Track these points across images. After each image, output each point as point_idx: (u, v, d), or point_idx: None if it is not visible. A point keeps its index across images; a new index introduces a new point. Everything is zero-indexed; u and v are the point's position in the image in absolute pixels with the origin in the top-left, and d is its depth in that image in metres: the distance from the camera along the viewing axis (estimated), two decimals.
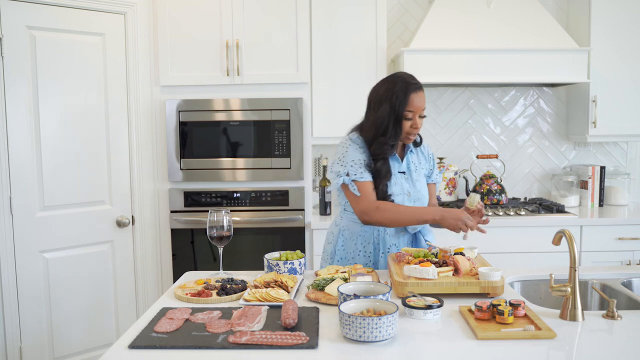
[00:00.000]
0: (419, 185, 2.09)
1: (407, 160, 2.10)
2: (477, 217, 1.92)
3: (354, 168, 1.99)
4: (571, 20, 3.55)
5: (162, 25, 3.06)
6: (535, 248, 3.04)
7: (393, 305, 1.39)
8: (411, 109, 1.96)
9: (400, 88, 1.96)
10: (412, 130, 1.99)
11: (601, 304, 1.92)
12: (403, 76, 2.01)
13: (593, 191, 3.48)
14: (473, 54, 3.14)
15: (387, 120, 1.97)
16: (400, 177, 2.06)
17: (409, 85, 1.97)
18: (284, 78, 3.08)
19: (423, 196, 2.09)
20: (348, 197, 2.03)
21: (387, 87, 2.00)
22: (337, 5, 3.19)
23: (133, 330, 1.44)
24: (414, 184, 2.08)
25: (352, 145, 2.03)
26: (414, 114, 1.97)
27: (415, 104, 1.96)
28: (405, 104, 1.95)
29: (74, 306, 2.86)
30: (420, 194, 2.08)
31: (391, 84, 2.00)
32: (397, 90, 1.96)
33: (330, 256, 2.17)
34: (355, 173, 1.98)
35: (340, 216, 2.17)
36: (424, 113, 2.01)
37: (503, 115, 3.68)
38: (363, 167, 1.99)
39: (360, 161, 1.99)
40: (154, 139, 3.12)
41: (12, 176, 2.63)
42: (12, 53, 2.60)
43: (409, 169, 2.10)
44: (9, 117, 2.60)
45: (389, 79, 2.03)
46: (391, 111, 1.97)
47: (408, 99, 1.95)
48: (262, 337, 1.35)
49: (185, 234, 3.14)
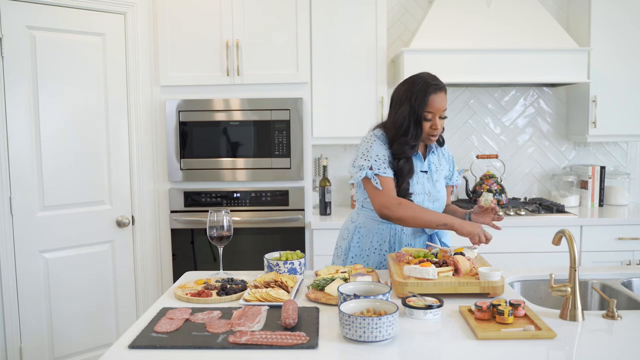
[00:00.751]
0: (439, 186, 2.10)
1: (429, 160, 2.11)
2: (491, 214, 1.97)
3: (377, 163, 1.99)
4: (571, 20, 3.55)
5: (162, 25, 3.06)
6: (535, 248, 3.04)
7: (393, 305, 1.39)
8: (430, 110, 1.96)
9: (419, 89, 1.96)
10: (432, 131, 1.99)
11: (601, 304, 1.92)
12: (424, 77, 2.00)
13: (593, 191, 3.48)
14: (473, 54, 3.14)
15: (408, 121, 1.97)
16: (422, 177, 2.07)
17: (429, 85, 1.96)
18: (284, 78, 3.08)
19: (442, 197, 2.10)
20: (368, 191, 2.00)
21: (407, 88, 2.00)
22: (337, 5, 3.19)
23: (133, 330, 1.44)
24: (434, 184, 2.08)
25: (376, 141, 2.03)
26: (433, 115, 1.97)
27: (434, 105, 1.95)
28: (424, 105, 1.95)
29: (74, 306, 2.86)
30: (439, 194, 2.09)
31: (411, 84, 1.99)
32: (417, 91, 1.96)
33: (344, 253, 2.16)
34: (378, 167, 1.98)
35: (357, 213, 2.17)
36: (444, 114, 2.00)
37: (503, 115, 3.68)
38: (386, 162, 1.99)
39: (384, 157, 2.00)
40: (154, 139, 3.12)
41: (12, 176, 2.63)
42: (12, 53, 2.60)
43: (430, 169, 2.10)
44: (9, 117, 2.60)
45: (411, 79, 2.03)
46: (411, 112, 1.96)
47: (427, 99, 1.95)
48: (262, 337, 1.35)
49: (185, 234, 3.14)
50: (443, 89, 1.99)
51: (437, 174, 2.12)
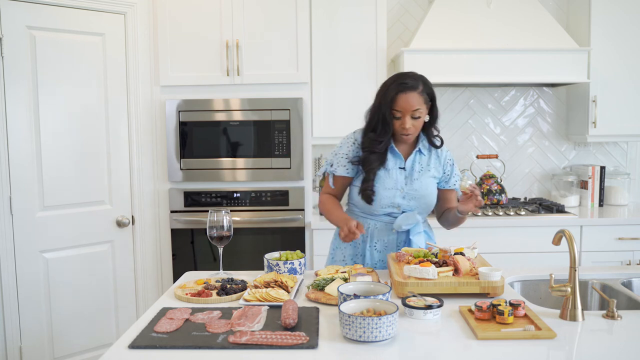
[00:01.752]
0: (418, 185, 2.07)
1: (414, 159, 2.10)
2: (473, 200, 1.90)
3: (336, 159, 2.11)
4: (571, 20, 3.55)
5: (162, 25, 3.06)
6: (535, 248, 3.04)
7: (393, 305, 1.39)
8: (397, 109, 1.96)
9: (389, 87, 1.98)
10: (402, 130, 1.99)
11: (601, 304, 1.92)
12: (399, 75, 2.02)
13: (593, 191, 3.48)
14: (473, 54, 3.14)
15: (376, 118, 2.01)
16: (398, 173, 2.07)
17: (398, 85, 1.96)
18: (284, 78, 3.08)
19: (422, 196, 2.08)
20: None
21: (383, 84, 2.03)
22: (337, 5, 3.19)
23: (133, 330, 1.44)
24: (412, 182, 2.07)
25: (349, 138, 2.12)
26: (402, 114, 1.96)
27: (400, 103, 1.95)
28: (390, 103, 1.96)
29: (74, 306, 2.86)
30: (417, 193, 2.07)
31: (388, 80, 2.02)
32: (386, 89, 1.99)
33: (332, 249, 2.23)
34: (337, 165, 2.10)
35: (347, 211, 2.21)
36: (417, 114, 1.97)
37: (503, 115, 3.68)
38: (344, 161, 2.08)
39: (346, 155, 2.08)
40: (154, 139, 3.12)
41: (12, 176, 2.63)
42: (12, 53, 2.60)
43: (412, 168, 2.09)
44: (9, 117, 2.60)
45: (392, 76, 2.05)
46: (378, 109, 2.00)
47: (393, 98, 1.95)
48: (262, 337, 1.35)
49: (185, 234, 3.14)
50: (414, 88, 1.96)
51: (420, 173, 2.09)
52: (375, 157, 2.03)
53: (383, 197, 2.04)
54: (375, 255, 2.11)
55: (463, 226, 2.99)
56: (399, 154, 2.08)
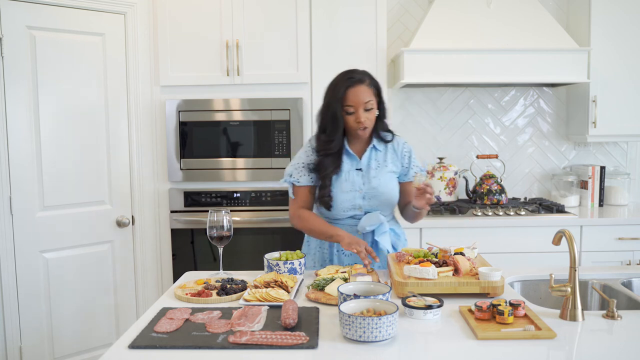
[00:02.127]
0: (376, 182, 2.05)
1: (369, 156, 2.09)
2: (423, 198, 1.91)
3: (296, 170, 2.08)
4: (571, 20, 3.55)
5: (162, 25, 3.06)
6: (535, 248, 3.04)
7: (393, 305, 1.39)
8: (349, 104, 1.96)
9: (334, 85, 1.99)
10: (357, 125, 1.98)
11: (601, 304, 1.92)
12: (345, 72, 2.02)
13: (593, 191, 3.48)
14: (473, 54, 3.14)
15: (324, 117, 2.02)
16: (354, 174, 2.05)
17: (344, 80, 1.97)
18: (284, 78, 3.08)
19: (382, 193, 2.05)
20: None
21: (329, 83, 2.04)
22: (337, 5, 3.19)
23: (133, 330, 1.44)
24: (369, 180, 2.05)
25: (305, 147, 2.12)
26: (355, 108, 1.96)
27: (351, 98, 1.95)
28: (339, 99, 1.96)
29: (74, 306, 2.86)
30: (377, 191, 2.05)
31: (334, 80, 2.03)
32: (333, 87, 2.00)
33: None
34: (296, 176, 2.08)
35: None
36: (369, 106, 1.97)
37: (503, 115, 3.68)
38: (305, 169, 2.06)
39: (303, 164, 2.07)
40: (154, 139, 3.12)
41: (12, 176, 2.63)
42: (12, 53, 2.60)
43: (369, 166, 2.07)
44: (9, 117, 2.60)
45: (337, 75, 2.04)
46: (327, 107, 2.00)
47: (343, 94, 1.96)
48: (262, 337, 1.35)
49: (185, 234, 3.14)
50: (362, 81, 1.97)
51: (378, 170, 2.07)
52: (330, 160, 2.02)
53: (343, 200, 2.04)
54: (344, 260, 2.10)
55: (463, 226, 3.03)
56: (353, 154, 2.07)
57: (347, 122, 1.99)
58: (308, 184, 2.08)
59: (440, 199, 3.43)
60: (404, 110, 3.64)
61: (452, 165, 3.47)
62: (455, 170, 3.47)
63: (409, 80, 3.13)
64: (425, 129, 3.65)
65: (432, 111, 3.65)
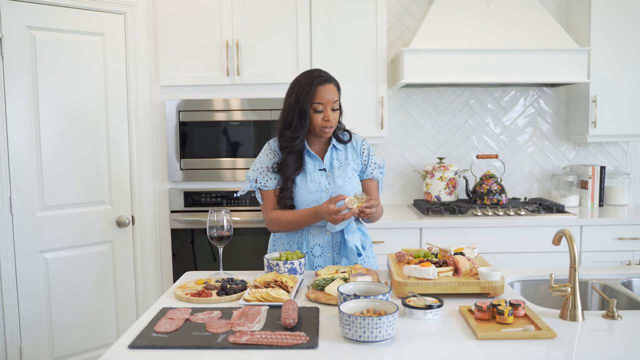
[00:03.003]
0: (341, 182, 2.06)
1: (331, 156, 2.10)
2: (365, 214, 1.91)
3: (261, 175, 2.07)
4: (571, 20, 3.55)
5: (162, 25, 3.07)
6: (535, 248, 3.04)
7: (393, 305, 1.39)
8: (319, 101, 1.97)
9: (305, 81, 1.99)
10: (324, 123, 1.99)
11: (601, 304, 1.92)
12: (311, 71, 2.04)
13: (593, 191, 3.48)
14: (473, 54, 3.14)
15: (292, 113, 2.00)
16: (319, 175, 2.06)
17: (315, 77, 1.99)
18: (284, 78, 3.07)
19: (348, 192, 2.04)
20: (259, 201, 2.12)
21: (295, 81, 2.04)
22: (337, 6, 3.19)
23: (133, 330, 1.44)
24: (334, 180, 2.06)
25: (265, 151, 2.11)
26: (324, 106, 1.98)
27: (321, 95, 1.97)
28: (311, 96, 1.97)
29: (74, 306, 2.86)
30: (342, 190, 2.05)
31: (298, 78, 2.04)
32: (303, 84, 1.99)
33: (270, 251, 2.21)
34: (262, 181, 2.06)
35: None
36: (336, 106, 2.01)
37: (503, 115, 3.68)
38: (269, 173, 2.06)
39: (266, 168, 2.07)
40: (154, 139, 3.12)
41: (12, 176, 2.63)
42: (12, 53, 2.60)
43: (332, 166, 2.09)
44: (9, 117, 2.60)
45: (302, 73, 2.06)
46: (295, 103, 1.99)
47: (314, 91, 1.97)
48: (262, 337, 1.35)
49: (185, 234, 3.14)
50: (330, 80, 2.01)
51: (341, 169, 2.08)
52: (292, 160, 2.02)
53: (310, 201, 2.03)
54: (313, 261, 2.09)
55: (463, 226, 3.03)
56: (315, 155, 2.08)
57: (314, 120, 2.00)
58: (273, 188, 2.07)
59: (440, 199, 3.43)
60: (404, 110, 3.64)
61: (452, 165, 3.47)
62: (455, 170, 3.47)
63: (409, 80, 3.13)
64: (425, 129, 3.65)
65: (432, 111, 3.65)
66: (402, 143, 3.67)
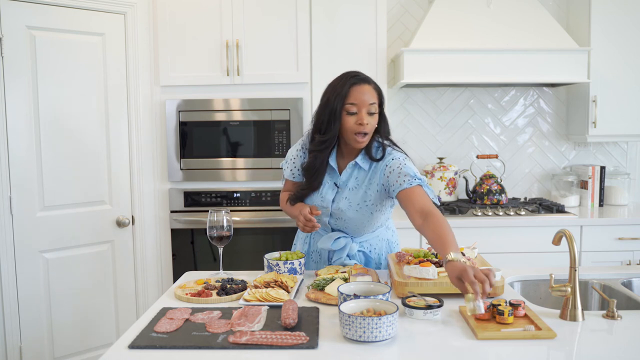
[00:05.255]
0: (345, 205, 1.90)
1: (350, 174, 1.91)
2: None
3: (287, 164, 2.04)
4: (571, 20, 3.55)
5: (162, 25, 3.07)
6: (535, 248, 3.04)
7: (393, 305, 1.39)
8: (353, 102, 1.78)
9: (339, 82, 1.83)
10: (358, 127, 1.78)
11: (601, 304, 1.92)
12: (346, 72, 1.88)
13: (593, 191, 3.48)
14: (473, 54, 3.14)
15: (323, 115, 1.83)
16: (329, 189, 1.92)
17: (349, 77, 1.82)
18: (284, 78, 3.09)
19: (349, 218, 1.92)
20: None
21: (329, 84, 1.89)
22: (337, 6, 3.19)
23: (133, 330, 1.44)
24: (339, 200, 1.91)
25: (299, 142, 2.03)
26: (358, 108, 1.79)
27: (356, 95, 1.78)
28: (344, 97, 1.79)
29: (74, 306, 2.86)
30: (344, 214, 1.91)
31: (333, 80, 1.88)
32: (336, 85, 1.83)
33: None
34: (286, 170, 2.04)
35: None
36: (372, 109, 1.81)
37: (503, 115, 3.68)
38: (294, 165, 2.01)
39: (293, 158, 2.01)
40: (154, 139, 3.12)
41: (12, 176, 2.63)
42: (12, 53, 2.60)
43: (346, 185, 1.91)
44: (9, 117, 2.60)
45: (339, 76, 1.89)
46: (327, 104, 1.82)
47: (347, 91, 1.79)
48: (262, 337, 1.35)
49: (185, 234, 3.14)
50: (368, 81, 1.83)
51: (353, 192, 1.90)
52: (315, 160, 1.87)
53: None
54: (311, 265, 2.08)
55: (463, 226, 3.02)
56: (334, 168, 1.92)
57: (346, 123, 1.80)
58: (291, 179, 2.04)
59: (440, 199, 3.43)
60: (404, 110, 3.64)
61: (452, 165, 3.47)
62: (455, 170, 3.47)
63: (409, 80, 3.13)
64: (425, 129, 3.65)
65: (432, 111, 3.65)
66: (402, 143, 3.57)
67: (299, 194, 1.96)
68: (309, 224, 1.81)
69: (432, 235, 1.62)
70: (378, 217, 1.96)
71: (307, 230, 1.84)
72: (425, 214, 1.70)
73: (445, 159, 3.61)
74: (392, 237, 2.11)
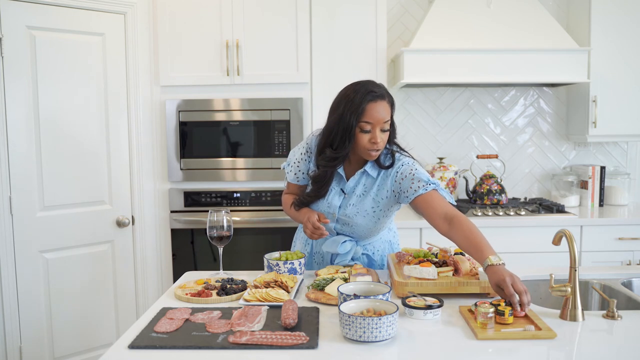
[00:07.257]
0: (353, 212, 1.89)
1: (357, 180, 1.90)
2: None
3: (289, 167, 2.02)
4: (571, 20, 3.55)
5: (162, 25, 3.07)
6: (535, 248, 3.04)
7: (393, 305, 1.39)
8: (368, 120, 1.73)
9: (355, 95, 1.74)
10: (371, 145, 1.75)
11: (601, 304, 1.92)
12: (364, 83, 1.78)
13: (593, 191, 3.48)
14: (473, 54, 3.14)
15: (336, 129, 1.77)
16: (336, 195, 1.90)
17: (367, 92, 1.73)
18: (284, 78, 3.09)
19: (356, 224, 1.91)
20: None
21: (343, 93, 1.79)
22: (337, 6, 3.19)
23: (133, 330, 1.44)
24: (346, 207, 1.90)
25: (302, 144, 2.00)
26: (372, 126, 1.74)
27: (372, 114, 1.72)
28: (359, 114, 1.72)
29: (74, 306, 2.86)
30: (351, 220, 1.90)
31: (349, 88, 1.79)
32: (352, 98, 1.74)
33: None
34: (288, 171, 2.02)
35: None
36: (386, 127, 1.77)
37: (503, 115, 3.68)
38: (295, 168, 1.98)
39: (297, 161, 1.98)
40: (154, 139, 3.12)
41: (12, 176, 2.63)
42: (12, 53, 2.60)
43: (353, 192, 1.90)
44: (8, 117, 2.60)
45: (351, 84, 1.81)
46: (342, 119, 1.75)
47: (363, 108, 1.72)
48: (262, 337, 1.35)
49: (185, 234, 3.14)
50: (384, 97, 1.75)
51: (361, 199, 1.88)
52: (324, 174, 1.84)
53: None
54: (314, 267, 2.08)
55: None
56: (342, 175, 1.90)
57: (359, 140, 1.76)
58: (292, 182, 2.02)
59: None
60: (404, 110, 3.64)
61: (452, 165, 3.47)
62: (455, 170, 3.47)
63: (409, 80, 3.13)
64: (425, 129, 3.65)
65: (432, 111, 3.65)
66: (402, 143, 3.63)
67: (305, 200, 1.93)
68: (317, 231, 1.82)
69: (463, 240, 1.63)
70: (384, 222, 1.98)
71: (315, 238, 1.85)
72: (450, 218, 1.70)
73: (445, 159, 3.60)
74: (394, 238, 2.13)
